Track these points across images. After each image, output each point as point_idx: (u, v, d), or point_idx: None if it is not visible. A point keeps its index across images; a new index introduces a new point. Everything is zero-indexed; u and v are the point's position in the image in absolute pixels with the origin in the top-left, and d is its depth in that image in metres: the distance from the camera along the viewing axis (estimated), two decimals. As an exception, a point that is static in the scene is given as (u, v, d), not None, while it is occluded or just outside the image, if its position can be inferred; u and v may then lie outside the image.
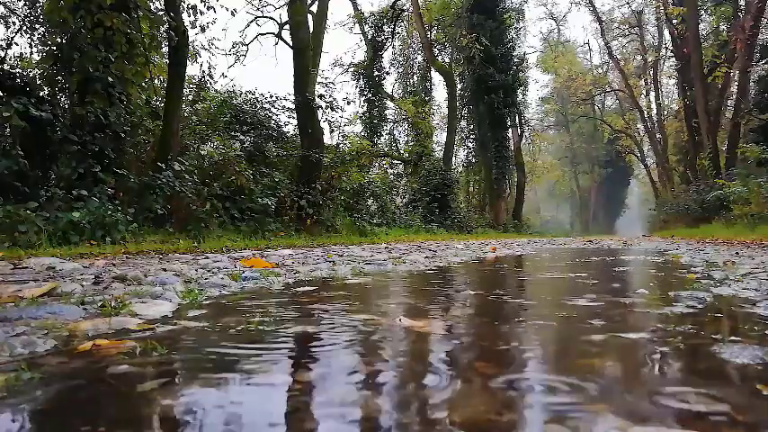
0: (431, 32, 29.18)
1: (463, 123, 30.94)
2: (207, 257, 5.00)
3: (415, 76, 31.74)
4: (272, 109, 15.85)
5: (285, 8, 20.03)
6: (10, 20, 11.32)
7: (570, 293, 2.70)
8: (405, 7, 29.73)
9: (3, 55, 10.33)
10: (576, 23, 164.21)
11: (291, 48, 14.87)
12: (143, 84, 10.33)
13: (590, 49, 65.08)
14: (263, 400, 0.94)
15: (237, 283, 2.75)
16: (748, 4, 22.37)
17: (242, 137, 14.41)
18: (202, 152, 12.08)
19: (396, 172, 28.02)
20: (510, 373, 1.13)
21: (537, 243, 12.83)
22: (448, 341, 1.44)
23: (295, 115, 14.54)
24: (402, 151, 29.45)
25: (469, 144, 31.50)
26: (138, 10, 9.08)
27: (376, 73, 29.25)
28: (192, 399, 0.93)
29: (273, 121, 15.59)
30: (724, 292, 2.33)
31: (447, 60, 30.27)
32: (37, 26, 10.90)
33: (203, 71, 15.80)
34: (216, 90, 16.13)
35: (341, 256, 5.68)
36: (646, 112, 38.85)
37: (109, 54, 8.33)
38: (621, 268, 4.30)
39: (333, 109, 16.32)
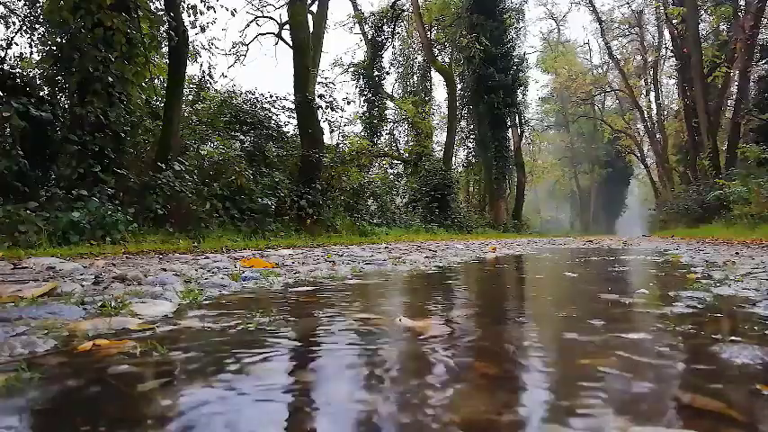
0: (431, 32, 29.18)
1: (463, 123, 30.96)
2: (207, 257, 5.00)
3: (415, 76, 31.77)
4: (272, 109, 15.88)
5: (285, 8, 20.05)
6: (10, 20, 11.32)
7: (570, 293, 2.70)
8: (405, 7, 29.74)
9: (3, 55, 10.33)
10: (576, 23, 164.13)
11: (291, 48, 14.88)
12: (143, 84, 10.33)
13: (590, 49, 65.02)
14: (263, 400, 0.94)
15: (237, 283, 2.75)
16: (748, 4, 22.38)
17: (242, 137, 14.41)
18: (202, 152, 12.09)
19: (396, 172, 28.04)
20: (509, 373, 1.13)
21: (537, 243, 12.83)
22: (448, 341, 1.44)
23: (295, 115, 14.55)
24: (402, 151, 29.46)
25: (469, 144, 31.52)
26: (138, 10, 9.08)
27: (376, 73, 29.27)
28: (192, 399, 0.93)
29: (273, 121, 15.60)
30: (724, 292, 2.33)
31: (447, 60, 30.28)
32: (37, 26, 10.90)
33: (203, 71, 15.86)
34: (216, 90, 16.15)
35: (341, 256, 5.68)
36: (646, 112, 38.88)
37: (109, 54, 8.33)
38: (621, 268, 4.30)
39: (333, 109, 16.35)
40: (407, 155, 27.99)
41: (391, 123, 30.38)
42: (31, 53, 11.05)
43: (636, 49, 38.36)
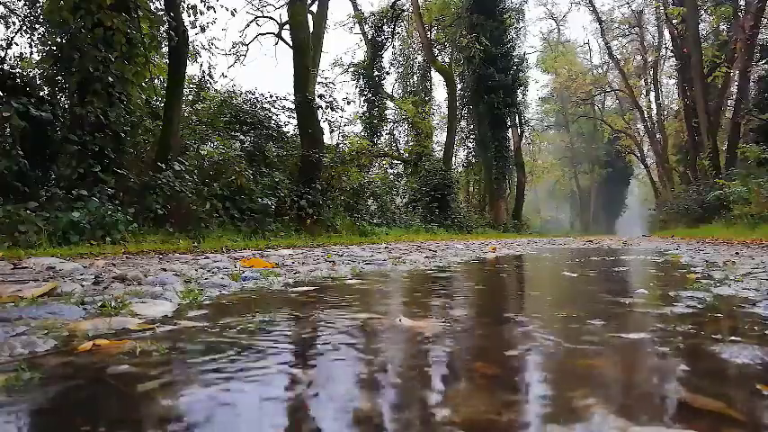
0: (431, 32, 29.18)
1: (463, 123, 30.96)
2: (207, 257, 5.00)
3: (415, 76, 31.77)
4: (272, 109, 15.88)
5: (285, 8, 20.05)
6: (10, 20, 11.31)
7: (570, 293, 2.70)
8: (405, 7, 29.74)
9: (3, 55, 10.32)
10: (576, 23, 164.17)
11: (291, 48, 14.88)
12: (143, 84, 10.33)
13: (590, 49, 64.95)
14: (263, 399, 0.94)
15: (237, 283, 2.75)
16: (748, 4, 22.38)
17: (242, 137, 14.41)
18: (202, 152, 12.08)
19: (396, 172, 28.04)
20: (510, 373, 1.13)
21: (537, 243, 12.83)
22: (448, 341, 1.44)
23: (295, 115, 14.55)
24: (402, 151, 29.46)
25: (469, 144, 31.52)
26: (138, 10, 9.08)
27: (376, 73, 29.27)
28: (192, 399, 0.93)
29: (273, 121, 15.60)
30: (724, 292, 2.33)
31: (447, 60, 30.27)
32: (37, 26, 10.90)
33: (203, 71, 15.86)
34: (216, 90, 16.15)
35: (341, 256, 5.68)
36: (646, 112, 38.88)
37: (109, 54, 8.33)
38: (621, 268, 4.30)
39: (333, 109, 16.34)
40: (407, 155, 27.99)
41: (391, 123, 30.38)
42: (31, 53, 11.06)
43: (636, 49, 38.37)
